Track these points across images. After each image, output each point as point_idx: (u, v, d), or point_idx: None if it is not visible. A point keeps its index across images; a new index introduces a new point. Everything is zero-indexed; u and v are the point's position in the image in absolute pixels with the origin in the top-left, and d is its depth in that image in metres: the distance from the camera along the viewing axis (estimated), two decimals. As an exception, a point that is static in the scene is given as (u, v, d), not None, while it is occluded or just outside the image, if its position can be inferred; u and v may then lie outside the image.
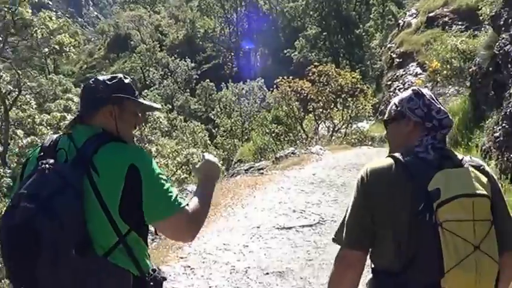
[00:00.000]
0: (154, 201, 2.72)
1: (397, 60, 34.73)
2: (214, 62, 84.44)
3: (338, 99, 27.48)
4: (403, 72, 33.00)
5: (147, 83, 77.42)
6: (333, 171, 15.35)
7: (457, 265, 2.45)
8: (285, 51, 74.58)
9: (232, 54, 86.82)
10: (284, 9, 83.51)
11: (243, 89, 47.85)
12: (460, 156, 2.77)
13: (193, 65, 77.13)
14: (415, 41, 33.53)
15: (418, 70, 31.29)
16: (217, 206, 11.15)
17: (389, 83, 34.63)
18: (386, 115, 3.04)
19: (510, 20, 11.35)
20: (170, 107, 59.30)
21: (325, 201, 11.79)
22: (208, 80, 67.95)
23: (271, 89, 30.87)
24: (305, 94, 27.20)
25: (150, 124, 15.56)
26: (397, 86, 32.37)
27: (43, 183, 2.60)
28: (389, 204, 2.61)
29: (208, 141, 44.75)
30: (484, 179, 2.66)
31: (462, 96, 15.59)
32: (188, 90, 72.13)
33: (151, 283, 2.87)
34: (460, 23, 29.54)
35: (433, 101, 2.84)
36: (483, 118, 12.50)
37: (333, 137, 26.51)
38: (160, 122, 14.48)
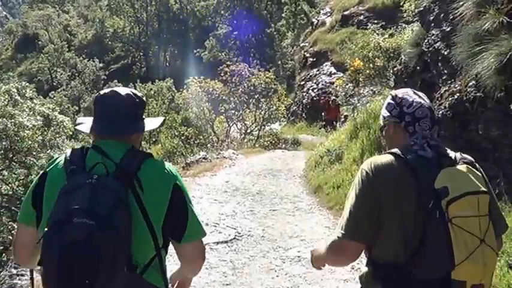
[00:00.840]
0: (195, 222, 2.78)
1: (311, 59, 34.59)
2: (123, 62, 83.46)
3: (251, 100, 26.84)
4: (317, 72, 32.90)
5: (54, 84, 74.88)
6: (248, 178, 14.49)
7: (467, 258, 2.56)
8: (195, 51, 74.01)
9: (142, 54, 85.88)
10: (195, 9, 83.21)
11: (151, 89, 46.46)
12: (452, 153, 2.87)
13: (101, 65, 75.60)
14: (330, 39, 33.53)
15: (333, 69, 31.36)
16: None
17: (302, 82, 34.42)
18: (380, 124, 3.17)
19: (442, 14, 10.53)
20: (77, 108, 57.66)
21: (240, 211, 10.86)
22: (116, 81, 66.03)
23: (181, 90, 29.71)
24: (217, 95, 26.36)
25: (53, 128, 14.29)
26: (311, 86, 32.45)
27: (97, 199, 2.48)
28: (396, 199, 2.68)
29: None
30: (480, 176, 2.83)
31: (385, 97, 14.82)
32: (95, 91, 69.83)
33: None
34: (376, 21, 29.29)
35: (406, 97, 2.92)
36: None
37: (245, 140, 25.79)
38: (64, 126, 13.36)
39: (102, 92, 2.91)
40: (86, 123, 2.96)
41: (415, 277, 2.62)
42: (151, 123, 2.99)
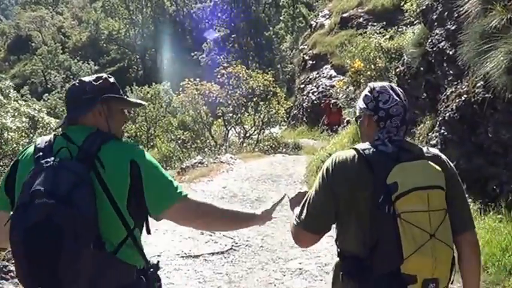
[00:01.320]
0: (157, 193, 2.83)
1: (310, 62, 34.23)
2: (119, 65, 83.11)
3: (249, 103, 26.34)
4: (317, 75, 32.50)
5: (49, 86, 74.93)
6: (246, 184, 14.11)
7: (415, 252, 2.64)
8: (193, 54, 73.85)
9: (138, 57, 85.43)
10: (191, 11, 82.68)
11: (148, 92, 45.98)
12: (416, 148, 2.95)
13: (96, 68, 75.47)
14: (329, 42, 33.12)
15: (333, 72, 30.93)
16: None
17: (302, 86, 34.06)
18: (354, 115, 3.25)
19: (446, 13, 10.25)
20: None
21: (237, 220, 10.34)
22: (111, 84, 65.80)
23: (178, 93, 29.39)
24: (214, 98, 26.03)
25: (39, 130, 14.11)
26: (311, 89, 32.04)
27: (58, 179, 2.59)
28: (352, 194, 2.79)
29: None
30: (439, 169, 2.84)
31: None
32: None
33: (150, 270, 2.99)
34: (375, 23, 28.72)
35: (383, 92, 2.97)
36: (414, 123, 11.39)
37: (244, 144, 25.39)
38: (51, 127, 13.09)
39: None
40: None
41: (374, 271, 2.74)
42: (129, 99, 3.24)
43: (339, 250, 3.03)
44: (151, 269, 3.02)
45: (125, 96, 3.20)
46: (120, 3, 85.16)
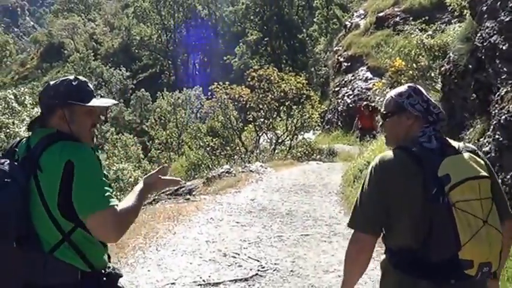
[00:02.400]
0: (83, 195, 2.83)
1: (345, 64, 33.33)
2: (151, 70, 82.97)
3: (281, 107, 25.35)
4: (352, 77, 31.63)
5: None
6: (276, 195, 13.01)
7: (472, 238, 2.81)
8: (225, 58, 73.13)
9: (170, 62, 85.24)
10: (223, 14, 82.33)
11: (178, 98, 45.57)
12: (456, 144, 3.13)
13: (128, 74, 75.07)
14: (364, 43, 32.31)
15: (369, 74, 30.10)
16: (123, 249, 8.53)
17: (336, 89, 33.28)
18: (384, 109, 3.32)
19: (498, 3, 9.13)
20: (103, 118, 57.42)
21: (266, 238, 9.37)
22: (143, 90, 65.80)
23: (208, 98, 28.55)
24: (244, 102, 25.09)
25: None
26: (346, 92, 31.16)
27: None
28: (403, 190, 2.95)
29: (142, 155, 42.46)
30: (482, 162, 3.06)
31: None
32: (123, 100, 69.40)
33: (104, 278, 3.05)
34: (413, 23, 26.70)
35: (430, 98, 3.22)
36: (462, 128, 10.29)
37: (276, 151, 24.30)
38: None
39: None
40: None
41: (427, 260, 2.87)
42: (91, 103, 3.18)
43: (388, 246, 3.17)
44: (105, 277, 3.06)
45: (94, 99, 3.21)
46: (151, 9, 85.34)
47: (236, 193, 13.41)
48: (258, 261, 8.06)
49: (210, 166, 22.68)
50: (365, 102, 23.19)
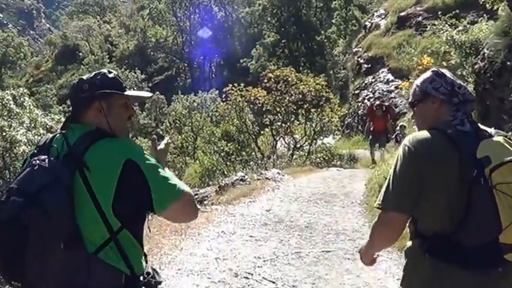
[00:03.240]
0: (162, 189, 2.83)
1: (365, 66, 33.09)
2: (166, 73, 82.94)
3: (299, 111, 24.31)
4: (373, 80, 31.30)
5: None
6: (295, 206, 12.08)
7: None
8: (242, 61, 73.17)
9: (186, 65, 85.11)
10: (240, 15, 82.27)
11: (194, 101, 44.91)
12: (488, 129, 3.08)
13: (143, 76, 75.08)
14: (385, 44, 31.93)
15: (390, 76, 29.82)
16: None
17: (356, 91, 32.90)
18: (411, 98, 3.36)
19: (544, -11, 8.22)
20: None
21: (283, 254, 8.49)
22: (158, 93, 65.28)
23: (224, 100, 27.77)
24: (260, 105, 24.14)
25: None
26: (367, 95, 30.83)
27: (32, 178, 2.71)
28: (439, 171, 2.89)
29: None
30: None
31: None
32: (137, 103, 68.95)
33: (143, 286, 2.99)
34: (436, 22, 26.70)
35: (453, 78, 3.20)
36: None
37: (294, 156, 23.32)
38: None
39: None
40: None
41: (463, 244, 2.84)
42: (129, 92, 3.18)
43: (419, 231, 3.09)
44: (145, 279, 3.00)
45: (128, 90, 3.19)
46: (167, 10, 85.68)
47: (251, 203, 12.47)
48: (274, 282, 7.23)
49: (225, 172, 21.85)
50: (377, 102, 21.50)
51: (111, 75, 3.12)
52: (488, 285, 2.92)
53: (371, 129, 20.27)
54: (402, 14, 31.79)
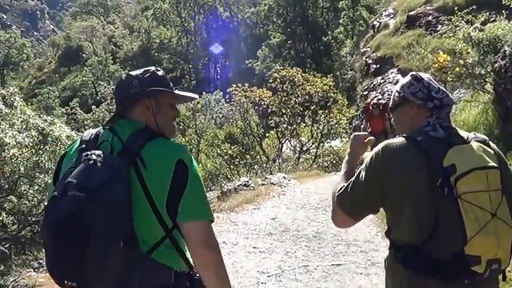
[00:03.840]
0: (193, 200, 2.81)
1: (374, 66, 31.93)
2: (171, 75, 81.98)
3: (306, 112, 23.68)
4: (382, 81, 30.14)
5: (98, 98, 74.09)
6: (301, 213, 11.40)
7: (479, 232, 2.71)
8: (247, 62, 72.46)
9: (190, 66, 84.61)
10: (245, 16, 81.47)
11: (198, 103, 44.34)
12: (465, 134, 3.06)
13: (148, 79, 74.00)
14: (395, 43, 30.93)
15: (399, 77, 27.52)
16: None
17: (365, 93, 31.86)
18: (390, 104, 3.33)
19: None
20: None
21: (289, 268, 7.85)
22: (163, 94, 64.89)
23: (228, 102, 27.23)
24: (265, 106, 23.53)
25: (48, 146, 12.46)
26: (375, 96, 28.69)
27: (92, 173, 2.65)
28: (406, 180, 2.84)
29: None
30: (491, 152, 2.98)
31: (482, 103, 11.78)
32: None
33: (196, 277, 2.96)
34: (446, 22, 26.80)
35: (431, 83, 3.15)
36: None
37: (301, 159, 22.63)
38: (61, 142, 11.69)
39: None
40: None
41: (432, 256, 2.79)
42: (178, 92, 3.22)
43: (392, 241, 3.07)
44: (193, 274, 2.95)
45: (175, 90, 3.21)
46: (171, 10, 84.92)
47: (255, 210, 11.82)
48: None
49: (229, 176, 21.30)
50: (374, 99, 19.36)
51: (160, 73, 3.12)
52: None
53: (368, 130, 17.89)
54: (412, 13, 31.07)
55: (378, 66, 31.29)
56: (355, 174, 3.06)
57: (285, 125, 23.75)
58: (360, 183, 2.99)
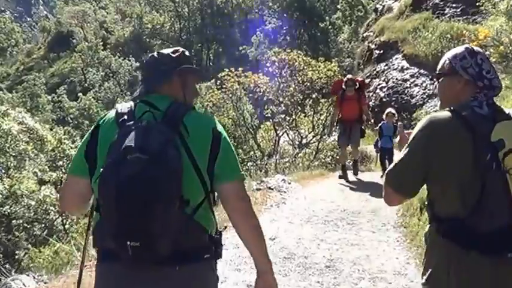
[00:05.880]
0: (228, 163, 3.06)
1: (377, 52, 30.70)
2: None
3: (307, 101, 21.28)
4: (386, 67, 28.83)
5: (87, 85, 72.92)
6: (308, 230, 9.04)
7: None
8: (241, 48, 70.42)
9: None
10: (240, 0, 79.47)
11: (188, 91, 42.49)
12: (508, 110, 3.03)
13: (138, 64, 72.27)
14: (399, 27, 29.51)
15: (405, 63, 27.40)
16: None
17: (367, 80, 29.58)
18: (438, 68, 3.31)
19: None
20: (110, 112, 56.96)
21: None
22: (154, 82, 63.02)
23: (220, 89, 24.87)
24: (260, 93, 21.06)
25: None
26: (379, 84, 28.43)
27: (148, 137, 2.79)
28: (452, 154, 2.90)
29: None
30: None
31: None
32: (130, 93, 66.83)
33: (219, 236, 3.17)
34: (454, 5, 26.86)
35: (485, 61, 3.10)
36: None
37: (300, 154, 20.12)
38: None
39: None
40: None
41: (477, 229, 2.81)
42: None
43: (434, 214, 3.08)
44: (218, 236, 3.14)
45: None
46: None
47: (248, 226, 9.27)
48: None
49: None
50: (348, 76, 15.08)
51: (187, 54, 3.35)
52: (500, 270, 2.86)
53: (339, 117, 14.17)
54: None
55: (382, 51, 30.09)
56: (402, 151, 3.11)
57: (282, 116, 21.52)
58: (405, 157, 3.04)
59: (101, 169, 2.79)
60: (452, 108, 3.00)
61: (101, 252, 3.02)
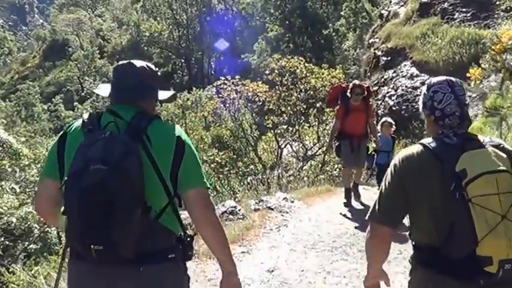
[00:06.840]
0: (190, 171, 3.28)
1: (384, 59, 29.83)
2: (162, 70, 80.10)
3: (311, 111, 20.49)
4: (394, 74, 27.94)
5: (84, 94, 73.44)
6: (312, 259, 8.02)
7: (489, 233, 2.92)
8: (243, 56, 70.99)
9: (183, 61, 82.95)
10: (240, 7, 79.83)
11: (188, 99, 41.76)
12: (481, 138, 3.28)
13: (136, 72, 71.83)
14: (407, 33, 28.92)
15: (414, 70, 26.54)
16: None
17: (375, 88, 28.93)
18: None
19: None
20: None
21: None
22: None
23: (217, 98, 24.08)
24: (260, 103, 20.18)
25: None
26: (387, 92, 27.41)
27: (109, 148, 2.99)
28: (422, 185, 3.15)
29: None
30: (504, 156, 3.17)
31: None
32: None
33: (188, 239, 3.40)
34: (464, 9, 26.23)
35: (438, 91, 3.35)
36: None
37: (305, 167, 19.07)
38: None
39: (119, 63, 3.56)
40: (103, 89, 3.56)
41: (451, 257, 3.03)
42: (162, 94, 3.65)
43: (413, 242, 3.37)
44: (188, 238, 3.36)
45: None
46: (162, 2, 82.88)
47: (243, 255, 8.16)
48: None
49: (219, 189, 17.89)
50: (356, 81, 12.52)
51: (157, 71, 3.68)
52: None
53: (345, 131, 11.43)
54: (425, 0, 29.21)
55: (389, 58, 29.27)
56: (381, 187, 3.36)
57: (284, 126, 20.63)
58: (384, 192, 3.31)
59: (65, 178, 3.04)
60: (422, 141, 3.28)
61: (72, 250, 3.21)
